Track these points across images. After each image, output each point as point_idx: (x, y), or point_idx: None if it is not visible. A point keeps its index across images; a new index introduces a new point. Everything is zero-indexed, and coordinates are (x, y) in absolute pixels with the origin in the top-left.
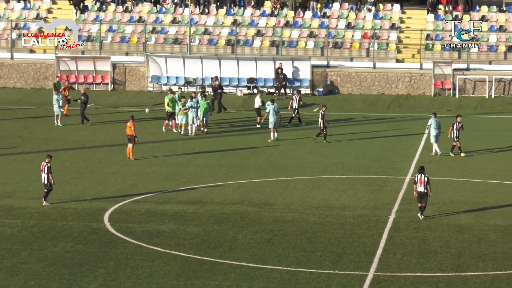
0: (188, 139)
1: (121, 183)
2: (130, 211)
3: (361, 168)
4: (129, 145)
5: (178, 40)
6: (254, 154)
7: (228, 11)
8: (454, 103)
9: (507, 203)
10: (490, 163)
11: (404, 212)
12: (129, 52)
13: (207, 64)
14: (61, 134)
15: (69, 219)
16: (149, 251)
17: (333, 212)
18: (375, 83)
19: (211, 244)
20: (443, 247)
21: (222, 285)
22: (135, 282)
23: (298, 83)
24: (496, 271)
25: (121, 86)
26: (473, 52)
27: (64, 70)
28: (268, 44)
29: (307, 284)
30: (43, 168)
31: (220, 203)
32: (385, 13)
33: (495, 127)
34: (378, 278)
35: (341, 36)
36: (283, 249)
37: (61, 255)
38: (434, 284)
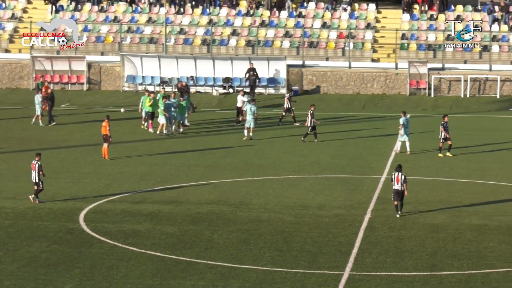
0: (164, 139)
1: (96, 183)
2: (105, 211)
3: (337, 167)
4: (104, 145)
5: (154, 39)
6: (230, 154)
7: (204, 10)
8: (429, 102)
9: (482, 203)
10: (465, 162)
11: (380, 212)
12: (105, 52)
13: (183, 64)
14: (36, 134)
15: (44, 219)
16: (125, 251)
17: (309, 212)
18: (350, 83)
19: (187, 244)
20: (419, 246)
21: (198, 285)
22: (111, 282)
23: (273, 83)
24: (471, 270)
25: (96, 86)
26: (448, 52)
27: (40, 70)
28: (243, 44)
29: (283, 284)
30: (34, 166)
31: (196, 202)
32: (360, 12)
33: (470, 126)
34: (353, 278)
35: (317, 35)
36: (258, 248)
37: (37, 255)
38: (410, 284)
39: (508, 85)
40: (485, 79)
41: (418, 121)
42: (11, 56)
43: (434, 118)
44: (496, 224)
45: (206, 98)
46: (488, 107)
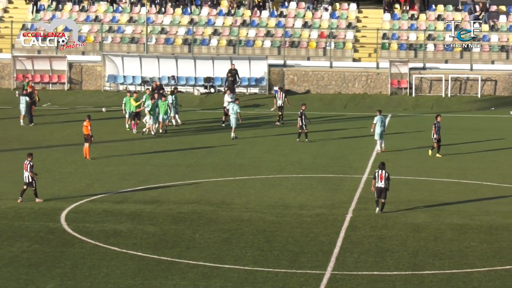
0: (144, 138)
1: (78, 183)
2: (87, 211)
3: (318, 167)
4: (85, 144)
5: (135, 39)
6: (211, 154)
7: (185, 10)
8: (410, 102)
9: (463, 202)
10: (446, 162)
11: (361, 211)
12: (86, 52)
13: (164, 64)
14: (18, 133)
15: (25, 219)
16: (106, 251)
17: (290, 211)
18: (332, 82)
19: (168, 243)
20: (400, 246)
21: (179, 285)
22: (92, 281)
23: (254, 82)
24: (453, 269)
25: (77, 86)
26: (429, 51)
27: (21, 69)
28: (225, 43)
29: (265, 283)
30: (26, 166)
31: (177, 202)
32: (341, 12)
33: (451, 126)
34: (335, 277)
35: (298, 35)
36: (240, 248)
37: (18, 255)
38: (391, 283)
39: (489, 85)
40: (466, 79)
41: (399, 121)
42: None
43: (416, 118)
44: (477, 223)
45: (187, 97)
46: (469, 106)
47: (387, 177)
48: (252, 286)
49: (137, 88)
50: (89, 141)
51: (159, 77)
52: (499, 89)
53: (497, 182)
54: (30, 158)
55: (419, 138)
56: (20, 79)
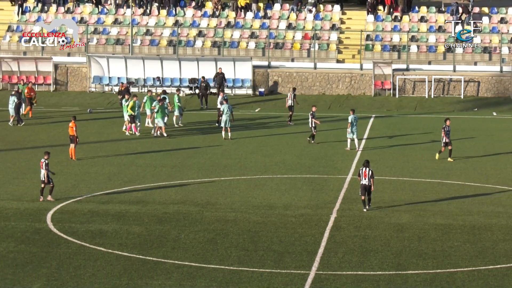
0: (130, 139)
1: (63, 183)
2: (72, 211)
3: (303, 167)
4: (71, 145)
5: (120, 40)
6: (196, 154)
7: (170, 12)
8: (394, 103)
9: (446, 202)
10: (429, 162)
11: (345, 211)
12: (71, 53)
13: (149, 65)
14: (3, 134)
15: (11, 219)
16: (92, 251)
17: (275, 212)
18: (316, 83)
19: (154, 243)
20: (384, 246)
21: (165, 285)
22: (78, 282)
23: (239, 83)
24: (436, 269)
25: (63, 87)
26: (412, 53)
27: (6, 71)
28: (209, 45)
29: (249, 283)
30: (42, 165)
31: (163, 202)
32: (325, 14)
33: (435, 126)
34: (319, 277)
35: (282, 36)
36: (225, 248)
37: (4, 255)
38: (375, 283)
39: (472, 86)
40: (449, 80)
41: (383, 121)
42: None
43: (399, 118)
44: (460, 223)
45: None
46: (452, 107)
47: (370, 175)
48: (237, 286)
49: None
50: (75, 142)
51: (144, 78)
52: (482, 90)
53: (480, 183)
54: (46, 156)
55: (402, 138)
56: (6, 81)
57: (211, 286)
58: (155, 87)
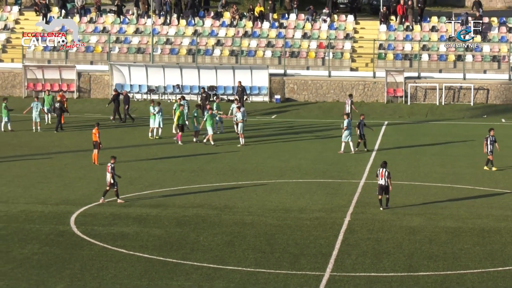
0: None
1: (86, 187)
2: (95, 214)
3: (317, 172)
4: (94, 150)
5: (141, 49)
6: (214, 159)
7: (189, 21)
8: (405, 110)
9: (456, 206)
10: (440, 167)
11: (359, 215)
12: (94, 61)
13: (169, 73)
14: (29, 140)
15: (36, 222)
16: (114, 253)
17: (291, 215)
18: (330, 91)
19: (174, 245)
20: (396, 248)
21: (184, 285)
22: (100, 282)
23: (256, 91)
24: (447, 271)
25: (86, 94)
26: (423, 61)
27: (31, 78)
28: (227, 54)
29: (266, 284)
30: (108, 168)
31: (182, 206)
32: (339, 23)
33: (445, 132)
34: (334, 278)
35: (298, 45)
36: (242, 250)
37: (29, 257)
38: (388, 284)
39: (481, 93)
40: (459, 88)
41: (395, 128)
42: (3, 65)
43: (411, 125)
44: (470, 226)
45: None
46: (462, 114)
47: (387, 175)
48: (254, 287)
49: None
50: (98, 148)
51: (165, 85)
52: (491, 97)
53: (489, 187)
54: (113, 160)
55: (414, 144)
56: (31, 88)
57: (229, 287)
58: (175, 95)
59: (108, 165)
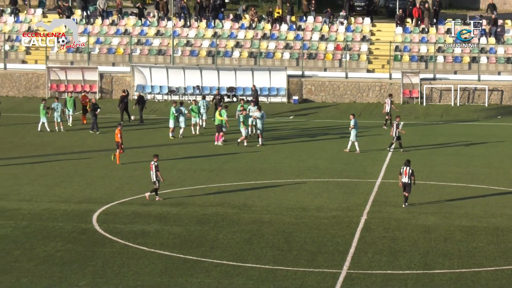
0: (170, 144)
1: (108, 186)
2: (117, 213)
3: (334, 171)
4: (116, 150)
5: (162, 51)
6: (233, 159)
7: (209, 24)
8: (421, 110)
9: (471, 205)
10: (454, 167)
11: (375, 213)
12: (116, 63)
13: (189, 74)
14: (51, 140)
15: (59, 220)
16: (135, 250)
17: (308, 213)
18: (347, 92)
19: (193, 243)
20: (412, 246)
21: (204, 282)
22: (122, 279)
23: (274, 92)
24: (461, 269)
25: (108, 95)
26: (439, 63)
27: (54, 79)
28: (246, 55)
29: (284, 281)
30: (152, 167)
31: (202, 205)
32: (356, 26)
33: (460, 133)
34: (350, 276)
35: (315, 47)
36: (261, 248)
37: (52, 254)
38: (403, 281)
39: (495, 95)
40: (474, 89)
41: (411, 129)
42: (27, 66)
43: (426, 126)
44: (484, 225)
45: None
46: (477, 115)
47: (411, 173)
48: (272, 284)
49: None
50: (120, 148)
51: (185, 86)
52: (505, 98)
53: (503, 187)
54: (156, 159)
55: (429, 145)
56: (54, 89)
57: (247, 284)
58: (195, 95)
59: (151, 163)
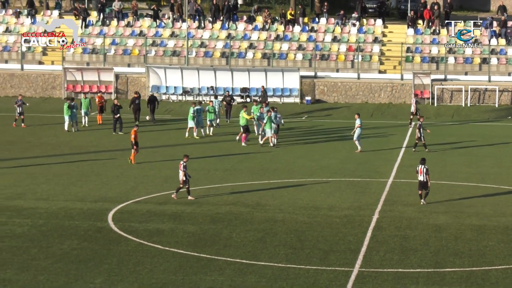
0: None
1: (123, 186)
2: (132, 211)
3: (346, 171)
4: (132, 150)
5: (176, 52)
6: (247, 159)
7: (223, 25)
8: (432, 111)
9: (481, 204)
10: (465, 167)
11: (387, 213)
12: (131, 64)
13: (204, 75)
14: (68, 139)
15: (75, 218)
16: (150, 249)
17: (321, 212)
18: (359, 93)
19: (207, 242)
20: (423, 245)
21: (218, 280)
22: (137, 277)
23: (287, 93)
24: (472, 267)
25: (123, 95)
26: (450, 64)
27: (71, 80)
28: (260, 56)
29: (296, 279)
30: (180, 166)
31: (216, 203)
32: (368, 27)
33: (470, 133)
34: (362, 274)
35: (328, 49)
36: (274, 246)
37: (68, 252)
38: (414, 279)
39: (506, 95)
40: (485, 90)
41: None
42: (44, 67)
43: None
44: (494, 224)
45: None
46: (487, 115)
47: (426, 172)
48: (285, 282)
49: (178, 98)
50: (135, 148)
51: (199, 87)
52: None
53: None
54: (185, 159)
55: (440, 144)
56: (70, 89)
57: (260, 282)
58: (209, 96)
59: (180, 163)
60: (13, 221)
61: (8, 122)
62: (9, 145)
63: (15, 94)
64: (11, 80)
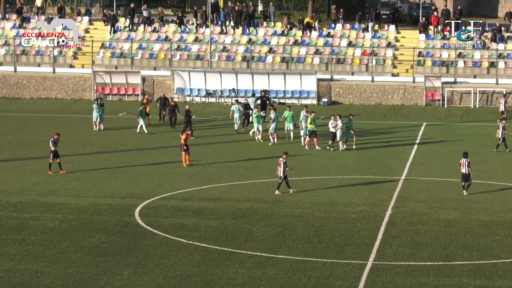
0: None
1: (149, 182)
2: (157, 207)
3: (361, 169)
4: (183, 153)
5: (200, 56)
6: (267, 157)
7: (244, 31)
8: (443, 112)
9: (489, 201)
10: (474, 165)
11: (399, 208)
12: (157, 67)
13: (226, 78)
14: (97, 139)
15: (104, 213)
16: (175, 242)
17: (337, 208)
18: (373, 95)
19: (229, 236)
20: (433, 239)
21: (239, 272)
22: (162, 269)
23: (305, 95)
24: (480, 260)
25: (150, 97)
26: (459, 67)
27: (100, 83)
28: (279, 60)
29: (314, 272)
30: (280, 163)
31: (237, 200)
32: (382, 33)
33: (479, 133)
34: (376, 267)
35: (344, 53)
36: (292, 241)
37: (97, 246)
38: (426, 272)
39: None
40: (492, 92)
41: (433, 129)
42: (75, 70)
43: (447, 126)
44: (502, 220)
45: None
46: (495, 116)
47: (467, 165)
48: (302, 274)
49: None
50: (184, 150)
51: (221, 89)
52: None
53: None
54: (285, 155)
55: (450, 144)
56: (99, 91)
57: (279, 274)
58: (231, 98)
59: (280, 160)
60: (45, 216)
61: (44, 123)
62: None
63: (47, 96)
64: (43, 82)
